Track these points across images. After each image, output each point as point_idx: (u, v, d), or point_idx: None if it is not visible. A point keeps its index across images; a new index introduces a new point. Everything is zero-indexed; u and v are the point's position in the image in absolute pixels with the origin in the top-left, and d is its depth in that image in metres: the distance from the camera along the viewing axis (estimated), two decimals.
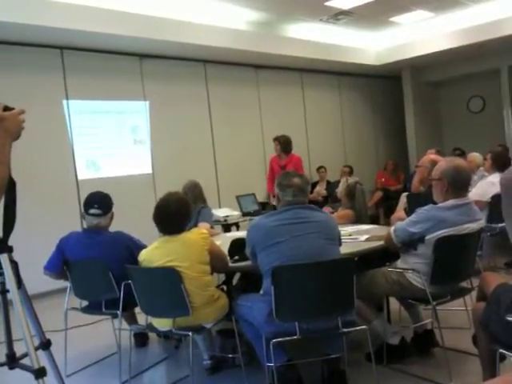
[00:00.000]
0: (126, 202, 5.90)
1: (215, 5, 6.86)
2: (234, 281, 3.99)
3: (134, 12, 6.26)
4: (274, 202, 6.39)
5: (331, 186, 8.19)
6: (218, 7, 6.94)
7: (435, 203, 3.07)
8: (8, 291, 1.96)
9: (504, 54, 9.21)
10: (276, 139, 6.80)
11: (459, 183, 3.02)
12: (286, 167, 6.46)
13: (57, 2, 5.61)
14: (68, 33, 5.89)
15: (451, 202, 3.00)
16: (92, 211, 3.56)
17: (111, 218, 3.66)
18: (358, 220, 4.25)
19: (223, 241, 3.58)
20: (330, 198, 7.37)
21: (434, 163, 3.98)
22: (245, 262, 3.08)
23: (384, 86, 11.13)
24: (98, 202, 3.58)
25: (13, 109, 1.94)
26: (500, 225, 4.40)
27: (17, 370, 2.00)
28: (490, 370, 2.34)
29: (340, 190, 4.45)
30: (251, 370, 3.14)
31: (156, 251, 3.05)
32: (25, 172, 5.93)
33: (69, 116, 6.60)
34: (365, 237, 3.53)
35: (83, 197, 3.83)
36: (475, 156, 6.33)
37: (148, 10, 6.40)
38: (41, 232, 5.80)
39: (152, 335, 4.07)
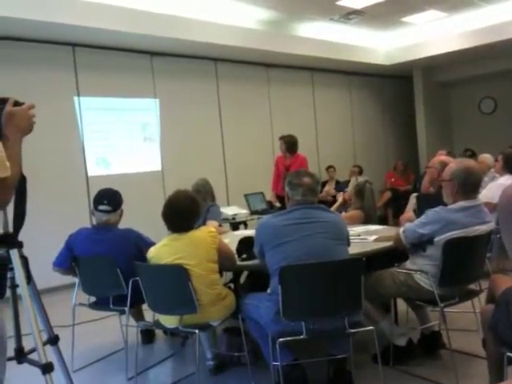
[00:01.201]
0: (135, 199, 5.92)
1: (226, 3, 6.86)
2: (242, 279, 4.00)
3: (146, 10, 6.27)
4: (277, 204, 6.33)
5: (340, 186, 8.16)
6: (229, 6, 6.94)
7: (445, 204, 3.06)
8: (17, 286, 1.97)
9: None
10: (281, 138, 6.72)
11: (469, 185, 3.00)
12: (290, 167, 6.36)
13: None
14: (80, 30, 5.92)
15: (461, 203, 2.98)
16: (101, 207, 3.57)
17: (120, 214, 3.67)
18: (366, 220, 4.24)
19: (231, 239, 3.58)
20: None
21: (443, 164, 3.96)
22: (252, 261, 3.09)
23: (394, 85, 11.08)
24: (108, 199, 3.59)
25: (23, 104, 1.94)
26: None
27: (25, 365, 2.01)
28: (498, 374, 2.32)
29: (350, 189, 4.44)
30: (257, 368, 3.15)
31: (164, 249, 3.06)
32: (35, 168, 5.97)
33: (80, 113, 6.63)
34: (373, 237, 3.52)
35: (93, 193, 3.85)
36: (486, 157, 6.28)
37: (159, 8, 6.41)
38: (50, 228, 5.84)
39: (158, 332, 4.09)
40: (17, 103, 1.92)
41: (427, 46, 9.07)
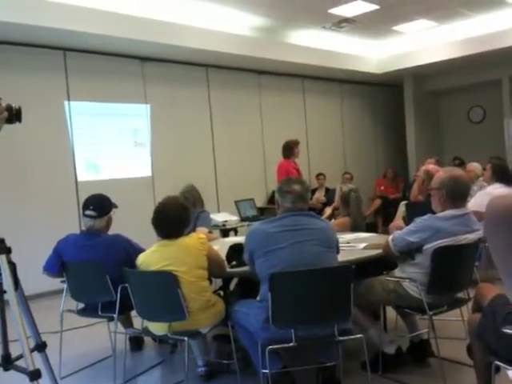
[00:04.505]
0: (125, 205, 5.87)
1: (219, 10, 6.88)
2: (232, 286, 3.99)
3: (138, 15, 6.28)
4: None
5: (330, 193, 8.19)
6: (222, 12, 6.96)
7: (434, 213, 3.08)
8: (5, 292, 1.96)
9: (505, 64, 9.24)
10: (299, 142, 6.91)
11: (457, 194, 3.02)
12: (298, 170, 6.71)
13: (60, 3, 5.63)
14: (71, 34, 5.91)
15: (449, 212, 3.00)
16: (87, 212, 3.55)
17: (108, 221, 3.62)
18: (353, 227, 4.26)
19: (221, 246, 3.58)
20: (329, 205, 7.39)
21: (428, 174, 4.00)
22: (242, 268, 3.08)
23: (385, 94, 11.15)
24: (94, 204, 3.56)
25: (18, 109, 1.94)
26: None
27: (11, 372, 1.99)
28: (486, 381, 2.33)
29: (336, 197, 4.49)
30: (246, 375, 3.14)
31: (154, 255, 3.05)
32: (24, 172, 5.98)
33: (70, 117, 6.61)
34: (363, 245, 3.53)
35: (82, 198, 3.82)
36: (475, 166, 6.34)
37: (152, 14, 6.42)
38: (39, 233, 5.80)
39: (147, 339, 4.06)
40: (10, 107, 1.91)
41: (417, 54, 9.15)
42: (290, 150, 6.76)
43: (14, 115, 1.99)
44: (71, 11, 5.72)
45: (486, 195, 4.87)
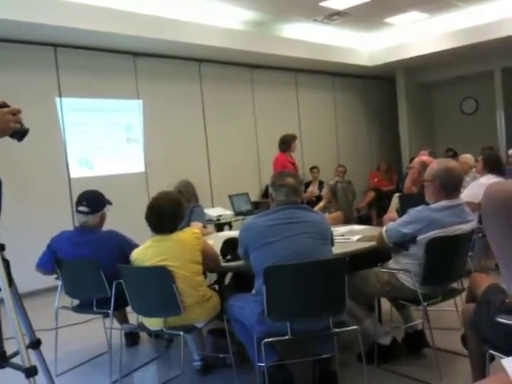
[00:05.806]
0: (119, 201, 5.84)
1: (210, 4, 6.85)
2: (226, 280, 4.00)
3: (129, 10, 6.24)
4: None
5: (324, 186, 8.20)
6: (213, 6, 6.93)
7: (427, 204, 3.09)
8: None
9: (497, 55, 9.26)
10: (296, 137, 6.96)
11: (451, 185, 3.04)
12: (294, 164, 6.76)
13: None
14: (62, 30, 5.86)
15: (443, 203, 3.01)
16: (80, 209, 3.55)
17: (101, 217, 3.62)
18: (346, 220, 4.28)
19: (216, 240, 3.58)
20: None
21: (423, 165, 4.01)
22: (237, 262, 3.08)
23: (378, 86, 11.16)
24: (87, 200, 3.56)
25: (26, 129, 1.93)
26: None
27: (7, 369, 1.99)
28: (480, 371, 2.35)
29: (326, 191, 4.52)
30: (242, 369, 3.14)
31: (148, 250, 3.04)
32: (17, 170, 5.94)
33: (62, 114, 6.57)
34: (357, 237, 3.54)
35: (75, 195, 3.81)
36: (467, 157, 6.37)
37: (143, 9, 6.38)
38: (32, 230, 5.78)
39: (143, 335, 4.07)
40: (4, 105, 1.90)
41: (409, 47, 9.15)
42: (287, 143, 6.76)
43: (20, 132, 1.99)
44: (61, 7, 5.67)
45: (478, 186, 4.88)
